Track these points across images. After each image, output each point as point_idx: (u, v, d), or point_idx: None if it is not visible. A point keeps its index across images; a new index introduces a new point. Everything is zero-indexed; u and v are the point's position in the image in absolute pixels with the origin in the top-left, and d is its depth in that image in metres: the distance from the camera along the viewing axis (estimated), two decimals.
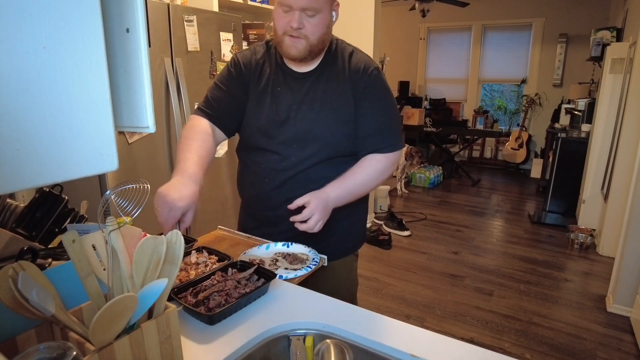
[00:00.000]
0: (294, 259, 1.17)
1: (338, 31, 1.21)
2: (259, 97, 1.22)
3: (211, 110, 1.26)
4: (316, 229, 1.11)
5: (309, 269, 1.12)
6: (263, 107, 1.21)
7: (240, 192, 1.39)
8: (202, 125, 1.23)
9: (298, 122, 1.19)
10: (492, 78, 6.69)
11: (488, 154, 6.82)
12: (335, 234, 1.26)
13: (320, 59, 1.21)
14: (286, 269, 1.13)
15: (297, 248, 1.23)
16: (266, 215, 1.31)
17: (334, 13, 1.15)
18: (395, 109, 1.26)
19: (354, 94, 1.18)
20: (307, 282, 1.10)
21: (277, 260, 1.17)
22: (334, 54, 1.21)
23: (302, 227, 1.10)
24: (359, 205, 1.31)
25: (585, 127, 4.20)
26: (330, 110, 1.18)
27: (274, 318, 0.90)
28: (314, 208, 1.09)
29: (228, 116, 1.26)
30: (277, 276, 1.05)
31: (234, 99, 1.25)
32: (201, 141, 1.18)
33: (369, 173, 1.20)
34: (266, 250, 1.22)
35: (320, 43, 1.13)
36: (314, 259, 1.17)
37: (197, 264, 1.11)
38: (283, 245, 1.23)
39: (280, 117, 1.19)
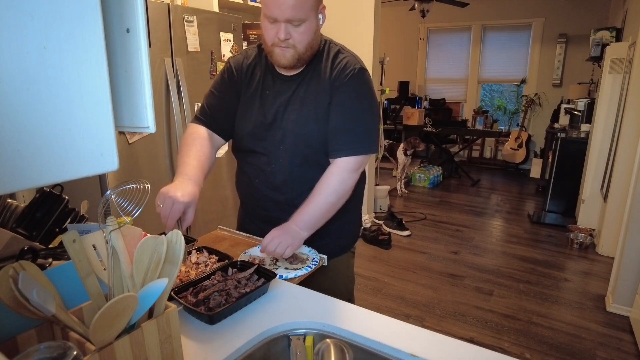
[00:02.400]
0: (294, 259, 1.18)
1: (338, 31, 1.22)
2: (249, 100, 1.24)
3: (206, 117, 1.29)
4: (282, 251, 1.10)
5: (309, 269, 1.13)
6: (252, 111, 1.23)
7: (237, 191, 1.41)
8: (199, 132, 1.27)
9: (284, 124, 1.19)
10: (491, 78, 6.69)
11: (488, 154, 6.83)
12: (330, 233, 1.26)
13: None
14: (286, 268, 1.13)
15: None
16: (261, 214, 1.33)
17: (320, 16, 1.14)
18: (364, 113, 1.19)
19: (330, 93, 1.17)
20: (305, 280, 1.11)
21: (277, 260, 1.18)
22: (319, 55, 1.21)
23: (266, 252, 1.11)
24: (351, 205, 1.29)
25: (584, 127, 4.20)
26: (310, 110, 1.18)
27: (274, 318, 0.90)
28: (272, 233, 1.11)
29: (223, 121, 1.29)
30: (277, 276, 1.05)
31: (227, 104, 1.27)
32: (199, 146, 1.23)
33: (324, 191, 1.15)
34: None
35: (308, 50, 1.13)
36: (314, 258, 1.18)
37: (197, 263, 1.11)
38: None
39: (267, 119, 1.21)
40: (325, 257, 1.19)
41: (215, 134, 1.29)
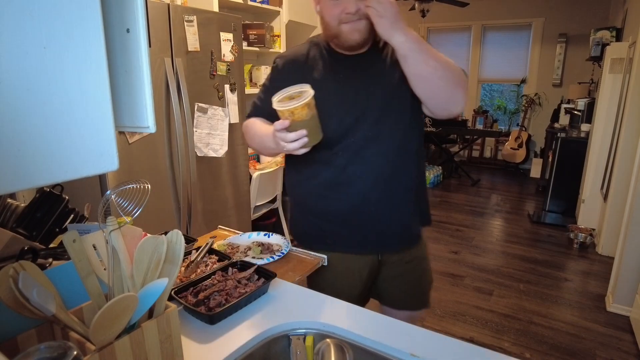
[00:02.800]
0: (265, 249, 1.23)
1: None
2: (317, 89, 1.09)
3: (263, 110, 1.20)
4: (384, 11, 0.95)
5: (271, 260, 1.18)
6: (326, 100, 1.09)
7: (294, 191, 1.29)
8: (257, 120, 1.21)
9: (370, 106, 1.12)
10: (491, 78, 6.69)
11: (488, 153, 6.82)
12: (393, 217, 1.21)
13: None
14: (253, 257, 1.19)
15: (276, 239, 1.31)
16: (330, 211, 1.21)
17: None
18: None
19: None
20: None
21: (249, 249, 1.24)
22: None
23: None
24: (415, 184, 1.23)
25: (584, 127, 4.20)
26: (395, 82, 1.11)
27: (274, 318, 0.90)
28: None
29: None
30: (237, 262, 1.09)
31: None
32: (263, 121, 1.19)
33: (440, 55, 1.03)
34: (248, 239, 1.31)
35: None
36: (282, 251, 1.23)
37: (195, 262, 1.11)
38: (265, 235, 1.33)
39: (348, 108, 1.12)
40: (325, 257, 1.20)
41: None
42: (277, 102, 0.96)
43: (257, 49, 3.16)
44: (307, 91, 0.95)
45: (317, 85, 1.06)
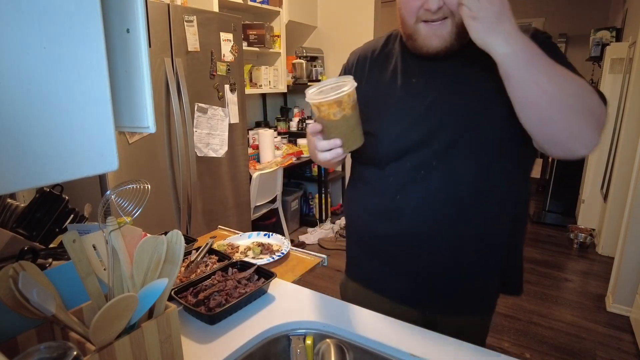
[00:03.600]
0: (265, 249, 1.25)
1: (338, 31, 1.20)
2: (386, 93, 0.94)
3: None
4: (481, 11, 0.68)
5: (271, 260, 1.19)
6: (394, 106, 0.92)
7: (352, 215, 1.06)
8: None
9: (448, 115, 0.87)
10: None
11: None
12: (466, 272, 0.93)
13: None
14: (253, 257, 1.20)
15: (276, 239, 1.33)
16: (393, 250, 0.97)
17: None
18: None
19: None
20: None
21: (249, 249, 1.25)
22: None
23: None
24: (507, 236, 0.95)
25: None
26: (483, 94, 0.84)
27: (274, 318, 0.90)
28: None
29: None
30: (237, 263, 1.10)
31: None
32: None
33: (562, 71, 0.71)
34: (248, 239, 1.33)
35: None
36: (282, 251, 1.24)
37: (195, 262, 1.11)
38: (265, 235, 1.35)
39: (419, 116, 0.89)
40: (326, 257, 1.20)
41: None
42: (309, 94, 0.82)
43: (257, 49, 3.16)
44: (343, 85, 0.79)
45: (382, 88, 0.92)
